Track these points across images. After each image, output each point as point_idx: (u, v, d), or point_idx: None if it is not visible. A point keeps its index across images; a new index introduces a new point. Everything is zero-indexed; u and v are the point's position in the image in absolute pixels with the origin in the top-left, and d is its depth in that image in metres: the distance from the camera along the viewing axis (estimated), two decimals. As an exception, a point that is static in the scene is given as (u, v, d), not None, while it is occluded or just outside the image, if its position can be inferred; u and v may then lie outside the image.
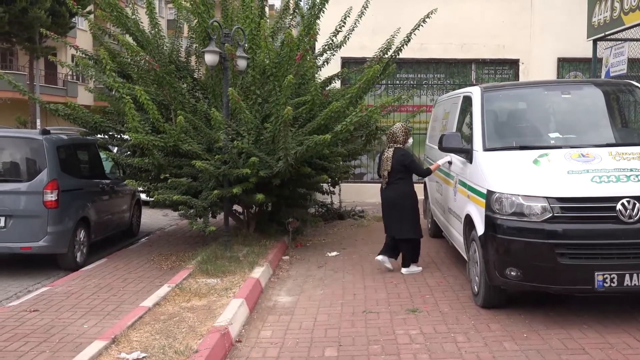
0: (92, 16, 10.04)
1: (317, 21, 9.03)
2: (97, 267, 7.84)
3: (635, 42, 9.71)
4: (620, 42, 9.86)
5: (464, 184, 6.12)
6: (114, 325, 5.10)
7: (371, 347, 4.71)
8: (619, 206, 4.75)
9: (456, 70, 12.90)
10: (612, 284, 4.69)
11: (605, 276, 4.69)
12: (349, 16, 9.29)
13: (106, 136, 9.11)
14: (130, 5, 8.66)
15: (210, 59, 7.49)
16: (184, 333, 4.88)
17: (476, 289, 5.64)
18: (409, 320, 5.28)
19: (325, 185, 9.79)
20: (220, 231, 8.38)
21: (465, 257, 6.12)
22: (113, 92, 8.51)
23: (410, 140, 7.14)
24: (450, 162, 6.88)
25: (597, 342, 4.57)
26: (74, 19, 28.83)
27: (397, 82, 12.77)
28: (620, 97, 6.81)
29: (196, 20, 8.30)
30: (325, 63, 9.79)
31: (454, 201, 6.64)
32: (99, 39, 8.99)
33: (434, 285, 6.41)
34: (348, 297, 6.13)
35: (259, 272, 6.69)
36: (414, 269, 6.97)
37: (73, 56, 9.40)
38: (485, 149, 5.75)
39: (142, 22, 8.74)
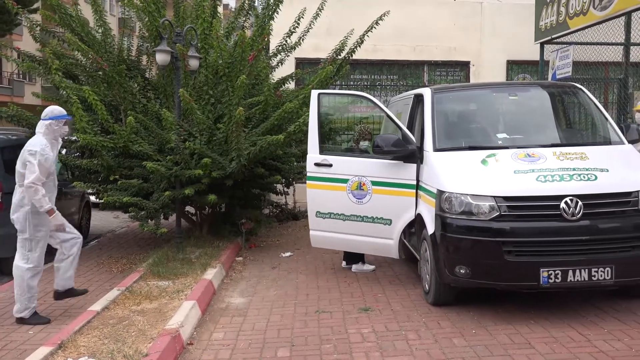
0: (34, 16, 9.73)
1: (271, 22, 9.03)
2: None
3: (579, 46, 10.03)
4: (565, 45, 10.18)
5: (394, 185, 6.11)
6: (61, 331, 4.98)
7: (324, 346, 4.73)
8: (562, 204, 4.89)
9: (409, 72, 13.06)
10: (556, 280, 4.83)
11: (549, 272, 4.82)
12: (303, 17, 9.31)
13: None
14: (74, 7, 8.43)
15: (161, 58, 7.39)
16: (134, 337, 4.80)
17: (427, 287, 5.73)
18: (361, 319, 5.32)
19: (279, 186, 9.78)
20: (172, 233, 8.28)
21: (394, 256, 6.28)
22: (60, 92, 8.31)
23: (366, 143, 7.13)
24: (330, 165, 6.45)
25: (543, 337, 4.70)
26: (19, 16, 27.93)
27: (352, 83, 12.85)
28: (565, 98, 7.02)
29: (147, 19, 8.17)
30: (279, 64, 9.79)
31: (368, 205, 6.26)
32: (40, 40, 8.73)
33: (386, 284, 6.48)
34: (301, 297, 6.13)
35: (211, 274, 6.64)
36: (364, 267, 7.03)
37: (19, 53, 9.09)
38: (436, 149, 5.84)
39: (90, 21, 8.55)
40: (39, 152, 5.35)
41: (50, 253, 5.76)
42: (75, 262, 5.86)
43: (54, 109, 5.66)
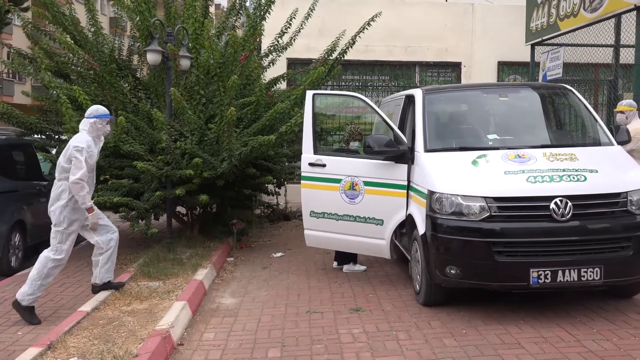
0: (29, 13, 9.66)
1: (263, 22, 9.03)
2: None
3: (570, 47, 10.10)
4: (556, 47, 10.24)
5: (385, 185, 6.13)
6: (50, 331, 4.95)
7: (314, 346, 4.73)
8: (552, 205, 4.92)
9: (400, 73, 13.08)
10: (546, 280, 4.86)
11: (539, 273, 4.85)
12: (294, 17, 9.31)
13: (43, 136, 8.84)
14: (68, 5, 8.39)
15: (152, 58, 7.36)
16: (124, 337, 4.78)
17: (418, 288, 5.74)
18: (352, 320, 5.33)
19: (270, 186, 9.78)
20: (163, 233, 8.25)
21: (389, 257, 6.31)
22: (51, 92, 8.27)
23: (356, 143, 7.13)
24: (324, 165, 6.47)
25: (532, 337, 4.72)
26: (9, 14, 27.78)
27: (343, 83, 12.86)
28: (555, 100, 7.06)
29: (138, 19, 8.14)
30: (271, 64, 9.78)
31: (361, 205, 6.27)
32: (33, 38, 8.68)
33: (377, 284, 6.49)
34: (292, 297, 6.13)
35: (202, 274, 6.62)
36: (355, 267, 7.04)
37: (9, 52, 9.02)
38: (427, 150, 5.85)
39: (82, 20, 8.51)
40: (85, 149, 5.52)
41: (37, 254, 5.72)
42: (113, 256, 5.99)
43: (98, 108, 5.85)
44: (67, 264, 7.90)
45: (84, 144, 5.55)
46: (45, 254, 5.60)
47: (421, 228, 5.46)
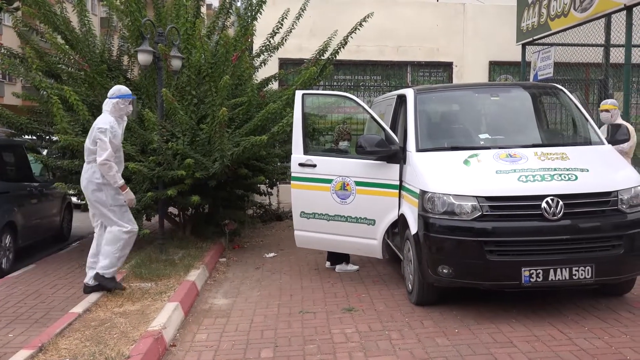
0: (19, 13, 9.59)
1: (255, 22, 9.01)
2: (25, 274, 7.54)
3: (561, 47, 10.15)
4: (547, 46, 10.28)
5: (377, 185, 6.13)
6: (42, 333, 4.92)
7: (307, 347, 4.72)
8: (543, 204, 4.94)
9: (392, 73, 13.10)
10: (537, 279, 4.87)
11: (531, 271, 4.86)
12: (286, 18, 9.30)
13: (34, 137, 8.79)
14: (59, 5, 8.34)
15: (143, 58, 7.34)
16: (116, 339, 4.76)
17: (410, 287, 5.75)
18: (345, 319, 5.33)
19: (263, 187, 9.77)
20: (155, 234, 8.23)
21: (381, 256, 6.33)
22: (41, 92, 8.23)
23: (345, 143, 7.11)
24: (314, 165, 6.45)
25: (525, 335, 4.74)
26: (1, 12, 27.55)
27: (335, 83, 12.86)
28: (546, 99, 7.09)
29: (128, 19, 8.11)
30: (262, 64, 9.77)
31: (352, 205, 6.26)
32: (24, 38, 8.63)
33: (370, 284, 6.49)
34: (285, 297, 6.13)
35: (194, 275, 6.61)
36: (348, 267, 7.04)
37: (-2, 51, 9.02)
38: (419, 150, 5.86)
39: (72, 20, 8.46)
40: (109, 129, 5.65)
41: (28, 256, 5.69)
42: (126, 250, 6.06)
43: (121, 88, 5.95)
44: (58, 266, 7.93)
45: (107, 124, 5.67)
46: (113, 231, 5.81)
47: (413, 228, 5.46)
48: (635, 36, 7.99)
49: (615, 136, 5.94)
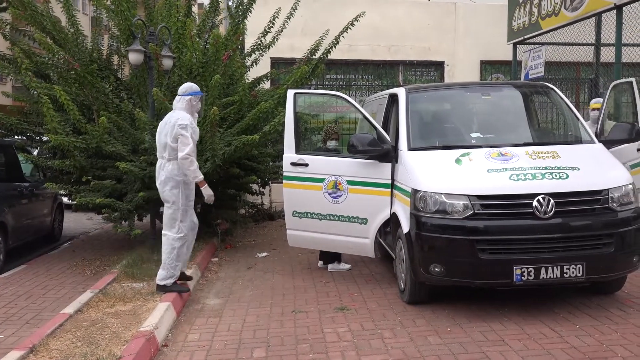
0: (5, 13, 9.53)
1: (246, 21, 8.99)
2: (16, 274, 7.51)
3: (551, 46, 10.19)
4: (537, 45, 10.32)
5: (369, 184, 6.14)
6: (33, 334, 4.89)
7: (300, 346, 4.72)
8: (534, 203, 4.95)
9: (384, 72, 13.11)
10: (529, 277, 4.88)
11: (522, 270, 4.88)
12: (277, 17, 9.29)
13: (24, 137, 8.74)
14: (45, 5, 8.28)
15: (134, 58, 7.31)
16: (108, 339, 4.74)
17: (402, 286, 5.75)
18: (337, 319, 5.32)
19: (255, 186, 9.75)
20: (147, 234, 8.19)
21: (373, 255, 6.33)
22: (32, 92, 8.18)
23: (334, 142, 7.08)
24: (306, 164, 6.42)
25: (516, 334, 4.75)
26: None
27: (327, 82, 12.86)
28: (537, 98, 7.11)
29: (119, 18, 8.07)
30: (254, 63, 9.76)
31: (344, 204, 6.25)
32: (10, 39, 8.57)
33: (362, 283, 6.50)
34: (277, 297, 6.12)
35: (186, 275, 6.58)
36: (340, 266, 7.05)
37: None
38: (410, 149, 5.86)
39: (62, 20, 8.42)
40: (189, 125, 5.70)
41: (19, 256, 5.66)
42: (189, 248, 6.15)
43: (192, 86, 5.99)
44: (49, 266, 7.89)
45: (187, 120, 5.71)
46: (170, 236, 5.85)
47: (405, 226, 5.47)
48: (625, 35, 8.03)
49: (617, 135, 5.93)
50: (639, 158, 6.48)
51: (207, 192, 5.94)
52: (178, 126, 5.66)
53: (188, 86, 5.97)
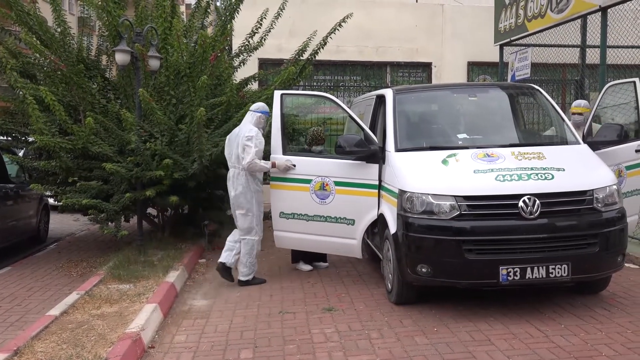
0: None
1: (233, 22, 8.97)
2: (0, 276, 7.44)
3: (538, 48, 10.26)
4: (524, 47, 10.39)
5: (356, 185, 6.14)
6: (17, 337, 4.86)
7: (287, 347, 4.72)
8: (520, 203, 4.98)
9: (372, 73, 13.15)
10: (515, 277, 4.92)
11: (508, 270, 4.91)
12: (265, 18, 9.28)
13: (9, 138, 8.67)
14: (32, 5, 8.22)
15: (121, 58, 7.28)
16: (93, 341, 4.71)
17: (390, 286, 5.76)
18: (324, 319, 5.33)
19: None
20: (133, 235, 8.15)
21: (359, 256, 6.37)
22: (17, 92, 8.11)
23: (319, 147, 7.05)
24: (293, 165, 6.41)
25: (502, 333, 4.78)
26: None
27: (315, 83, 12.86)
28: (523, 99, 7.16)
29: (106, 18, 8.03)
30: (242, 64, 9.74)
31: (331, 205, 6.25)
32: None
33: (349, 283, 6.50)
34: (265, 298, 6.11)
35: (173, 276, 6.56)
36: (302, 266, 7.16)
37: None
38: (397, 150, 5.88)
39: (49, 20, 8.36)
40: (255, 136, 6.37)
41: (5, 258, 5.61)
42: (243, 258, 6.66)
43: (264, 106, 6.73)
44: (35, 268, 7.83)
45: (253, 132, 6.38)
46: (249, 239, 6.53)
47: (392, 227, 5.48)
48: (610, 37, 8.10)
49: (607, 136, 6.00)
50: (638, 159, 6.52)
51: (282, 166, 6.37)
52: (244, 137, 6.34)
53: (261, 105, 6.70)
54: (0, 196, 8.58)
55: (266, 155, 6.62)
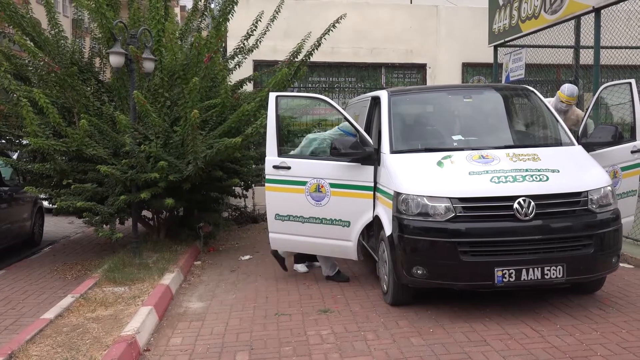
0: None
1: (228, 24, 8.96)
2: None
3: (532, 48, 10.29)
4: (518, 48, 10.42)
5: (352, 187, 6.13)
6: (12, 340, 4.83)
7: (283, 349, 4.71)
8: (515, 205, 4.99)
9: (367, 74, 13.16)
10: (510, 279, 4.93)
11: (504, 271, 4.92)
12: (260, 20, 9.27)
13: (3, 141, 8.63)
14: (25, 6, 8.18)
15: (115, 60, 7.26)
16: (88, 344, 4.69)
17: (385, 288, 5.77)
18: (320, 321, 5.33)
19: (238, 189, 9.72)
20: (128, 238, 8.14)
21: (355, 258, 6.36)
22: (11, 95, 8.08)
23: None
24: (289, 167, 6.37)
25: (498, 334, 4.79)
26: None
27: (310, 85, 12.86)
28: (518, 101, 7.18)
29: (100, 20, 8.00)
30: (236, 66, 9.73)
31: (327, 207, 6.23)
32: None
33: (345, 285, 6.50)
34: (260, 300, 6.11)
35: (169, 279, 6.55)
36: (299, 268, 7.21)
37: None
38: (393, 152, 5.88)
39: (42, 22, 8.33)
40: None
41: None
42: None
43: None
44: (29, 271, 7.80)
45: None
46: None
47: (388, 229, 5.48)
48: (603, 38, 8.13)
49: (600, 137, 6.02)
50: (633, 160, 6.55)
51: None
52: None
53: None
54: (-6, 199, 8.55)
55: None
